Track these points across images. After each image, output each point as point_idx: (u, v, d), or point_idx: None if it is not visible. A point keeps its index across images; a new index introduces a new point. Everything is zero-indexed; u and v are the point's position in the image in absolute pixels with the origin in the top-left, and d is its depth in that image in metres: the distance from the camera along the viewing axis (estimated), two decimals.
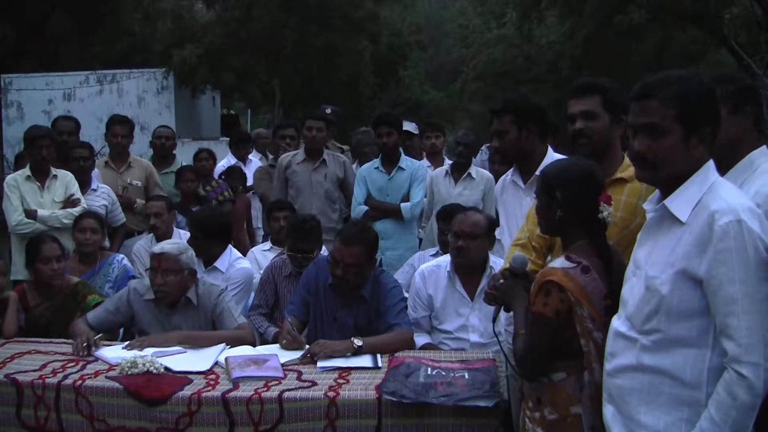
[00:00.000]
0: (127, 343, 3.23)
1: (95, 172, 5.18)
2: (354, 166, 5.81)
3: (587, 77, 2.92)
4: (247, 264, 4.26)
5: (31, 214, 4.53)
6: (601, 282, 2.17)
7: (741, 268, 1.75)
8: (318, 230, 3.97)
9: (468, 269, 3.57)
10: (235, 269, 4.10)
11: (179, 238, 4.63)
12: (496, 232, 3.61)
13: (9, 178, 4.77)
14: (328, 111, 6.06)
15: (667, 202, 1.90)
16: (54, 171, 4.72)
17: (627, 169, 2.63)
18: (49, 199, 4.64)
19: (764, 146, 2.34)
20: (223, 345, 3.20)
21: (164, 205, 4.73)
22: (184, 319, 3.41)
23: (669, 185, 1.92)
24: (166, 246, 3.42)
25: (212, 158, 6.30)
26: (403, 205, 4.93)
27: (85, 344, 3.14)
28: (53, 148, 4.70)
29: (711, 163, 1.90)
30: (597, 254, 2.21)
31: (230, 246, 4.28)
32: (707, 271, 1.79)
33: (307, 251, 3.85)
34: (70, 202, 4.65)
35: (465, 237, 3.49)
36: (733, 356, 1.74)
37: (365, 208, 4.98)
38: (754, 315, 1.74)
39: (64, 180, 4.73)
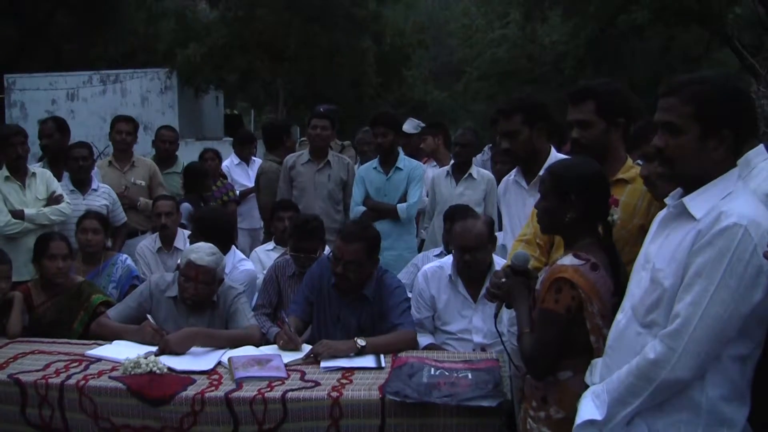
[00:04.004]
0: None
1: (95, 172, 5.16)
2: (356, 165, 5.81)
3: (583, 82, 2.90)
4: (250, 266, 4.26)
5: (17, 214, 4.39)
6: (609, 279, 2.17)
7: (719, 269, 1.74)
8: (321, 230, 3.97)
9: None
10: (238, 271, 4.09)
11: (183, 238, 4.64)
12: (499, 235, 3.59)
13: None
14: (321, 109, 6.04)
15: (686, 199, 1.89)
16: (32, 169, 4.64)
17: (629, 170, 2.63)
18: (32, 198, 4.51)
19: (761, 145, 2.33)
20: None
21: (173, 204, 4.75)
22: (201, 318, 3.43)
23: (688, 184, 1.91)
24: (205, 258, 3.36)
25: (218, 158, 6.31)
26: (399, 205, 4.92)
27: (155, 331, 3.23)
28: (27, 145, 4.59)
29: (736, 170, 1.88)
30: (604, 252, 2.22)
31: (234, 247, 4.28)
32: (689, 256, 1.79)
33: (310, 251, 3.85)
34: (53, 199, 4.56)
35: (471, 251, 3.42)
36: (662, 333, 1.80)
37: (363, 208, 4.97)
38: (702, 320, 1.73)
39: (44, 177, 4.64)
